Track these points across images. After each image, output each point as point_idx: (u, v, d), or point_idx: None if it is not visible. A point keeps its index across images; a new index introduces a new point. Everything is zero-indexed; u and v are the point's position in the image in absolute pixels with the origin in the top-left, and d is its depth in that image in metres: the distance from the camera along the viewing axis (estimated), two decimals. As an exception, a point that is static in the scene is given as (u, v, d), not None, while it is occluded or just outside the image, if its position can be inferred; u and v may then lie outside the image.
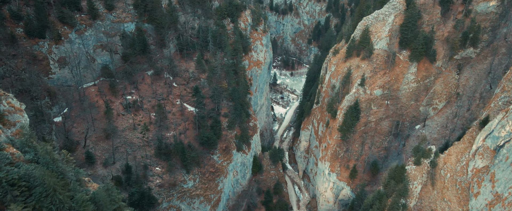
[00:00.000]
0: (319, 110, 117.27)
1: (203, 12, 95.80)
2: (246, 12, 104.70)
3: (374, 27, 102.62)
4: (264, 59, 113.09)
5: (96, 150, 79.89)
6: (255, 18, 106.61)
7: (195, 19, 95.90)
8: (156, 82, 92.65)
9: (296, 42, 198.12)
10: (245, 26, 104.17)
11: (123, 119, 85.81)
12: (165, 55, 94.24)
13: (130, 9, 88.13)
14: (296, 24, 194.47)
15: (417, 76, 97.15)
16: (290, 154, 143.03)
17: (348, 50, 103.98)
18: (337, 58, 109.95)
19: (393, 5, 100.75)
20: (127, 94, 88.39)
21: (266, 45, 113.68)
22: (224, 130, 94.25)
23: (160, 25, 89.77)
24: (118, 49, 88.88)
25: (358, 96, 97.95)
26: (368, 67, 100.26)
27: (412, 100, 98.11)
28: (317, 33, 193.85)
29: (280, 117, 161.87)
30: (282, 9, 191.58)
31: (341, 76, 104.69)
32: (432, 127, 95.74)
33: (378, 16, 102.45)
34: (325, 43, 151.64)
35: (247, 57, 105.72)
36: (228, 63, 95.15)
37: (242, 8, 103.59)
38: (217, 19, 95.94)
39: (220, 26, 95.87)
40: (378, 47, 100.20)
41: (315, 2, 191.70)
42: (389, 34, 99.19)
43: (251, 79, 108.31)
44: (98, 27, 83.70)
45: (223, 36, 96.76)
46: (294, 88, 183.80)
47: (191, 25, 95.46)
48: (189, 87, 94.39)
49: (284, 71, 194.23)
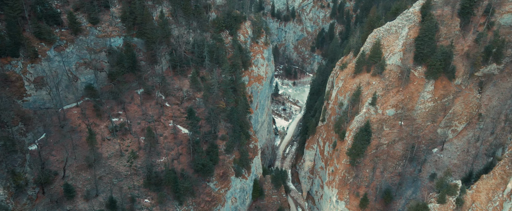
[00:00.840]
0: (325, 128, 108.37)
1: (198, 25, 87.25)
2: (246, 24, 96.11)
3: (386, 40, 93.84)
4: (265, 74, 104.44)
5: (76, 181, 71.24)
6: (256, 30, 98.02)
7: (189, 32, 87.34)
8: (146, 102, 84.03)
9: (298, 50, 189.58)
10: (245, 39, 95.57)
11: (109, 145, 77.14)
12: (156, 72, 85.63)
13: (117, 23, 79.63)
14: (298, 31, 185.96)
15: (434, 95, 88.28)
16: (293, 172, 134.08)
17: (357, 65, 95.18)
18: (344, 73, 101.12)
19: (407, 17, 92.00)
20: (113, 116, 79.78)
21: (268, 58, 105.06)
22: (222, 154, 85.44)
23: (151, 39, 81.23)
24: (104, 66, 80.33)
25: (368, 116, 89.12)
26: (380, 84, 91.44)
27: (429, 121, 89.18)
28: (320, 40, 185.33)
29: (282, 130, 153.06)
30: (284, 16, 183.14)
31: (350, 93, 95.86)
32: (452, 151, 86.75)
33: (391, 28, 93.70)
34: (330, 54, 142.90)
35: (247, 72, 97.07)
36: (226, 81, 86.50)
37: (242, 19, 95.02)
38: (214, 32, 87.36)
39: (217, 40, 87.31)
40: (391, 62, 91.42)
41: (319, 8, 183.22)
42: (402, 48, 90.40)
43: (251, 96, 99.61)
44: (81, 43, 75.18)
45: (220, 51, 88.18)
46: (296, 99, 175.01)
47: (185, 39, 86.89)
48: (183, 108, 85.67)
49: (286, 81, 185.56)
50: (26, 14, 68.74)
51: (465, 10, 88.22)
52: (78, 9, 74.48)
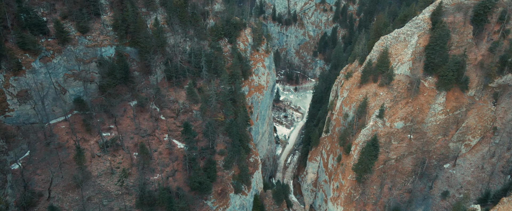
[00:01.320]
0: (329, 140, 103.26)
1: (195, 33, 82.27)
2: (246, 31, 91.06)
3: (394, 49, 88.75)
4: (266, 83, 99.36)
5: (63, 202, 66.12)
6: (256, 38, 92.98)
7: (186, 41, 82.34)
8: (140, 115, 78.97)
9: (300, 55, 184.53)
10: (245, 47, 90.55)
11: (99, 162, 72.05)
12: (151, 83, 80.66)
13: (108, 31, 74.62)
14: (300, 36, 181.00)
15: (445, 107, 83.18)
16: (295, 184, 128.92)
17: (364, 74, 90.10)
18: (350, 82, 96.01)
19: (416, 24, 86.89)
20: (104, 130, 74.74)
21: (269, 67, 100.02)
22: (220, 170, 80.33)
23: (145, 49, 76.23)
24: (95, 77, 75.29)
25: (376, 129, 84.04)
26: (388, 95, 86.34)
27: (440, 134, 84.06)
28: (323, 45, 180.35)
29: (284, 139, 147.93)
30: (286, 20, 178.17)
31: (355, 104, 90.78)
32: (465, 167, 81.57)
33: (399, 36, 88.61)
34: (334, 59, 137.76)
35: (247, 82, 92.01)
36: (224, 92, 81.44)
37: (242, 26, 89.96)
38: (212, 40, 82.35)
39: (215, 49, 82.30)
40: (399, 72, 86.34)
41: (321, 12, 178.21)
42: (412, 57, 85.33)
43: (251, 107, 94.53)
44: (69, 53, 70.17)
45: (219, 60, 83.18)
46: (298, 106, 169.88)
47: (181, 48, 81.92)
48: (179, 121, 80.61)
49: (287, 86, 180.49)
50: (9, 23, 63.79)
51: (479, 17, 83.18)
52: (66, 17, 69.54)
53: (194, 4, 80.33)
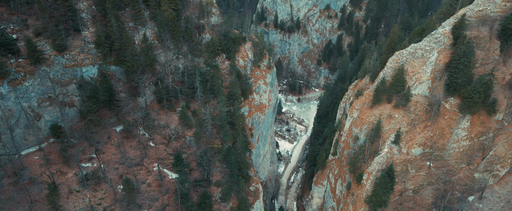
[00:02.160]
0: (337, 163, 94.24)
1: (189, 49, 73.55)
2: (246, 46, 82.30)
3: (411, 66, 79.78)
4: (268, 102, 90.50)
5: (34, 248, 57.39)
6: (257, 52, 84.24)
7: (179, 58, 73.59)
8: (126, 142, 70.20)
9: (303, 64, 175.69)
10: (245, 64, 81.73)
11: (77, 198, 63.17)
12: (139, 106, 71.94)
13: (90, 49, 65.90)
14: (304, 43, 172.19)
15: (470, 132, 74.10)
16: (298, 205, 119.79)
17: (376, 94, 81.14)
18: (360, 101, 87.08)
19: (435, 38, 77.96)
20: (84, 161, 65.97)
21: (271, 83, 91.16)
22: (217, 203, 71.43)
23: (132, 68, 67.52)
24: (74, 101, 66.56)
25: (391, 157, 75.06)
26: (404, 118, 77.37)
27: (464, 163, 74.95)
28: (327, 53, 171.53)
29: (287, 155, 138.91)
30: (288, 27, 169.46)
31: (367, 127, 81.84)
32: (493, 201, 72.41)
33: (416, 52, 79.67)
34: (341, 72, 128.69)
35: (247, 102, 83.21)
36: (222, 115, 72.59)
37: (241, 40, 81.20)
38: (208, 57, 73.63)
39: (211, 67, 73.53)
40: (417, 92, 77.37)
41: (326, 19, 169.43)
42: (431, 76, 76.35)
43: (252, 128, 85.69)
44: (44, 74, 61.45)
45: (215, 79, 74.42)
46: (301, 118, 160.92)
47: (173, 67, 73.16)
48: (170, 148, 71.83)
49: (290, 97, 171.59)
50: (-29, 42, 55.25)
51: (507, 31, 74.12)
52: (40, 34, 60.89)
53: (187, 18, 71.68)
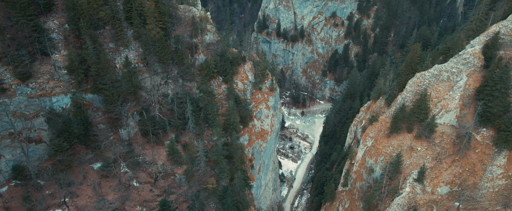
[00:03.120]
0: (347, 196, 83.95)
1: (180, 73, 63.55)
2: (246, 66, 72.25)
3: (435, 90, 69.56)
4: (271, 127, 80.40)
5: None
6: (259, 73, 74.21)
7: (168, 83, 63.57)
8: (105, 182, 60.16)
9: (308, 74, 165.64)
10: (244, 87, 71.68)
11: (44, 255, 53.27)
12: (121, 139, 61.94)
13: (62, 75, 56.01)
14: (308, 53, 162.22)
15: (507, 170, 63.75)
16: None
17: (394, 121, 70.89)
18: (375, 129, 76.85)
19: (464, 59, 67.75)
20: (54, 207, 55.98)
21: (274, 107, 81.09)
22: (211, 253, 61.39)
23: (112, 97, 57.55)
24: (42, 136, 56.63)
25: (413, 197, 64.78)
26: (428, 151, 67.10)
27: (499, 205, 64.48)
28: (333, 63, 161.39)
29: (290, 175, 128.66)
30: (292, 36, 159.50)
31: (384, 159, 71.62)
32: (533, 253, 62.03)
33: (441, 74, 69.46)
34: (349, 87, 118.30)
35: (247, 130, 73.17)
36: (217, 149, 62.51)
37: (240, 60, 71.16)
38: (202, 81, 63.56)
39: (205, 93, 63.44)
40: (443, 121, 67.14)
41: (332, 27, 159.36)
42: (459, 103, 66.12)
43: (252, 159, 75.61)
44: (4, 106, 51.60)
45: (210, 107, 64.37)
46: (306, 133, 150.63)
47: (162, 93, 63.14)
48: (157, 188, 61.75)
49: (293, 110, 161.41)
50: None
51: (549, 52, 64.04)
52: (-2, 60, 51.10)
53: (178, 37, 61.70)
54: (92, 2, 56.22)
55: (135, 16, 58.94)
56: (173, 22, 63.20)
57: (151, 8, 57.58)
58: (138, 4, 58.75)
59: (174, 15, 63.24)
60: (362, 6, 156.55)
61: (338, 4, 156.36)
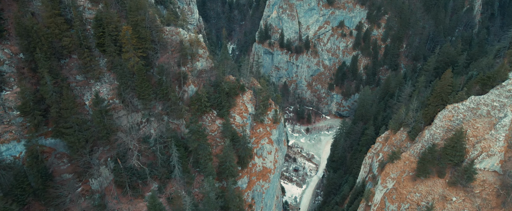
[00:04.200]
0: (363, 243, 72.52)
1: (165, 109, 52.32)
2: (245, 97, 60.99)
3: (472, 127, 58.05)
4: (274, 164, 69.02)
5: None
6: (261, 104, 62.90)
7: (150, 121, 52.34)
8: (70, 247, 48.90)
9: (313, 88, 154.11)
10: (243, 121, 60.34)
11: None
12: (92, 191, 50.62)
13: (14, 117, 44.85)
14: (313, 65, 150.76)
15: None
16: None
17: (422, 163, 59.46)
18: (397, 168, 65.38)
19: (508, 91, 56.23)
20: None
21: (278, 140, 69.73)
22: None
23: (78, 143, 46.32)
24: (-10, 194, 45.42)
25: (448, 260, 53.34)
26: (466, 203, 55.56)
27: None
28: (340, 76, 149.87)
29: (294, 203, 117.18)
30: (296, 47, 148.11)
31: (410, 207, 60.15)
32: None
33: (479, 108, 57.98)
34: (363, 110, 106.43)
35: (246, 171, 61.82)
36: (210, 201, 51.16)
37: (239, 90, 59.87)
38: (192, 119, 52.25)
39: (194, 133, 52.08)
40: (484, 166, 55.61)
41: (339, 38, 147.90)
42: (505, 146, 54.58)
43: (253, 204, 64.15)
44: None
45: (201, 149, 53.06)
46: (311, 153, 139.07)
47: (142, 133, 51.88)
48: (135, 252, 50.40)
49: (297, 127, 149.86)
50: None
51: None
52: None
53: (162, 67, 50.46)
54: (53, 27, 45.08)
55: (108, 43, 47.75)
56: (157, 48, 51.96)
57: (127, 33, 46.35)
58: (113, 28, 47.55)
59: (157, 40, 52.00)
60: (372, 15, 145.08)
61: (346, 13, 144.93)
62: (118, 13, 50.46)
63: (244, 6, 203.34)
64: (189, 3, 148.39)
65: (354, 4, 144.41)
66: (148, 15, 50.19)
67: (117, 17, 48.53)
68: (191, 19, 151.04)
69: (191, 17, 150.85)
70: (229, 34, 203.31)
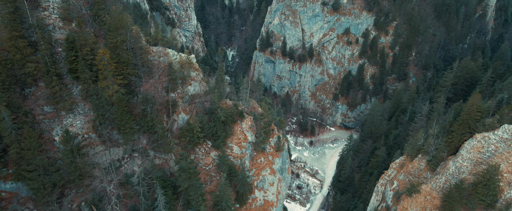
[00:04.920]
0: None
1: (151, 143, 44.81)
2: (244, 124, 53.54)
3: (507, 161, 50.30)
4: (277, 195, 61.38)
5: None
6: (262, 131, 55.38)
7: (133, 157, 44.80)
8: None
9: (317, 98, 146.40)
10: (242, 151, 52.81)
11: None
12: (63, 241, 43.01)
13: (-35, 160, 37.37)
14: (317, 74, 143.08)
15: None
16: None
17: (448, 202, 51.73)
18: (417, 203, 57.67)
19: (549, 121, 48.58)
20: None
21: (281, 169, 62.07)
22: None
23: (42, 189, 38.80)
24: None
25: None
26: (500, 252, 47.88)
27: None
28: (346, 86, 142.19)
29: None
30: (299, 55, 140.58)
31: (433, 252, 52.50)
32: None
33: (514, 140, 50.28)
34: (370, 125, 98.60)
35: (245, 208, 54.16)
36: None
37: (237, 117, 52.39)
38: (183, 155, 44.74)
39: (186, 170, 44.49)
40: (521, 209, 47.91)
41: (345, 45, 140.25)
42: (547, 186, 46.90)
43: (252, 245, 56.42)
44: None
45: (193, 190, 45.45)
46: (315, 168, 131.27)
47: (123, 174, 44.28)
48: None
49: (300, 139, 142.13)
50: None
51: None
52: None
53: (146, 95, 42.95)
54: (14, 51, 37.64)
55: (82, 69, 40.26)
56: (141, 73, 44.43)
57: (104, 58, 38.85)
58: (87, 51, 40.10)
59: (141, 63, 44.51)
60: (379, 22, 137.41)
61: (352, 19, 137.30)
62: (95, 32, 43.01)
63: (245, 11, 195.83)
64: (187, 9, 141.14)
65: (360, 10, 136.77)
66: (130, 35, 42.72)
67: (93, 38, 41.10)
68: (188, 26, 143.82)
69: (189, 24, 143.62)
70: (229, 40, 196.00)
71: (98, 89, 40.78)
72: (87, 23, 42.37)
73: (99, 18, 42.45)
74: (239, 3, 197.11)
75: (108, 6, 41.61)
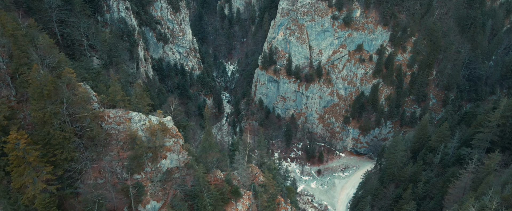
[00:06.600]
0: None
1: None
2: (240, 205, 39.21)
3: None
4: None
5: None
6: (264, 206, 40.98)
7: None
8: None
9: (325, 122, 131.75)
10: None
11: None
12: None
13: None
14: (326, 96, 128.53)
15: None
16: None
17: None
18: None
19: None
20: None
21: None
22: None
23: None
24: None
25: None
26: None
27: None
28: (358, 108, 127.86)
29: None
30: (306, 74, 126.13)
31: None
32: None
33: None
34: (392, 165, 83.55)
35: None
36: None
37: (230, 195, 37.93)
38: None
39: None
40: None
41: (357, 63, 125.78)
42: None
43: None
44: None
45: None
46: (324, 203, 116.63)
47: None
48: None
49: (307, 168, 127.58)
50: None
51: None
52: None
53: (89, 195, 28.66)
54: None
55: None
56: (85, 156, 30.05)
57: (18, 144, 24.58)
58: (-5, 129, 25.86)
59: (88, 136, 30.27)
60: (396, 37, 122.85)
61: (365, 35, 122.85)
62: (18, 97, 28.73)
63: (246, 21, 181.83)
64: (181, 22, 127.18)
65: (375, 24, 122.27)
66: (70, 100, 28.51)
67: (7, 110, 26.83)
68: (182, 41, 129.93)
69: (183, 39, 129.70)
70: (228, 53, 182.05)
71: (12, 191, 26.53)
72: (1, 85, 28.22)
73: (22, 82, 28.25)
74: (240, 13, 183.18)
75: (33, 61, 27.21)
